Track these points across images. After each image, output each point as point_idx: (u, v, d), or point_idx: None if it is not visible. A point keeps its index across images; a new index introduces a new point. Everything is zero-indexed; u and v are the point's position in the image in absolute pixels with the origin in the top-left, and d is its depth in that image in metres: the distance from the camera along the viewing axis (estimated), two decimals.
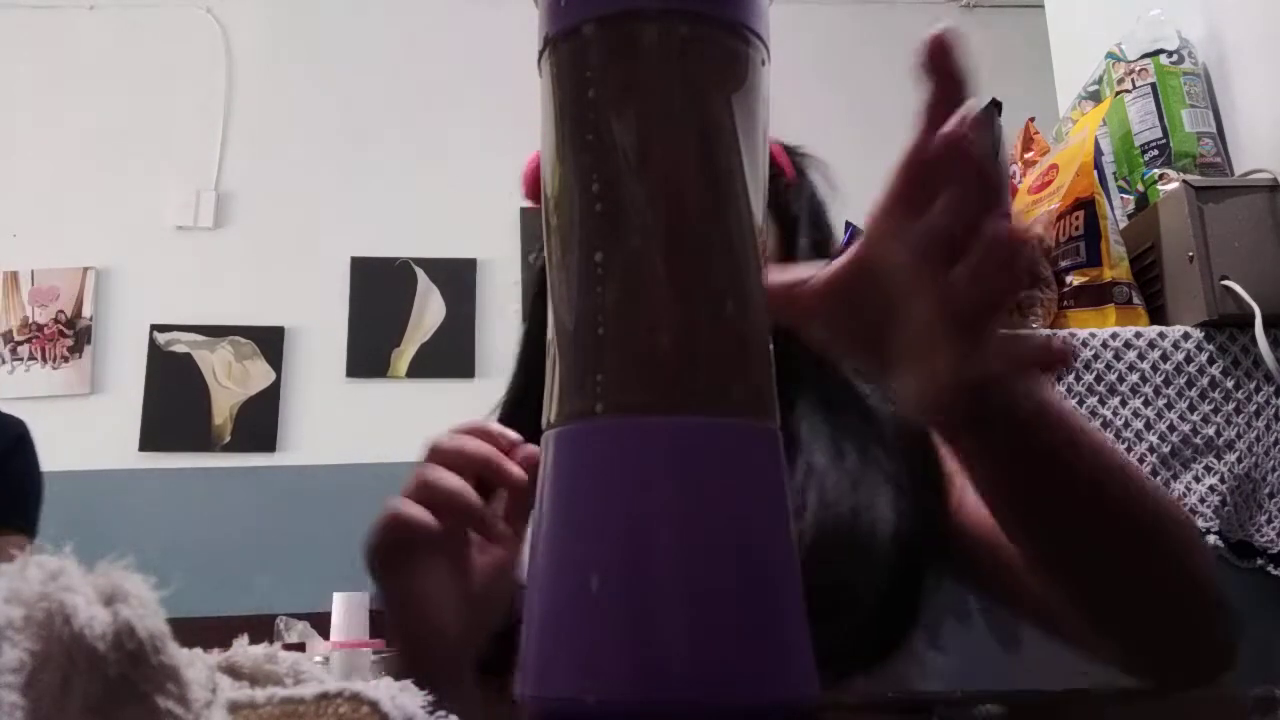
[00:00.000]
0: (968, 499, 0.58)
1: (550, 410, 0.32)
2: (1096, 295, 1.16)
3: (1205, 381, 1.08)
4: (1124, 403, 1.08)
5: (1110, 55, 1.40)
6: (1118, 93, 1.34)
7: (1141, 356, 1.08)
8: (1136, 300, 1.16)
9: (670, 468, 0.29)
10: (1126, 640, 0.48)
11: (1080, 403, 1.07)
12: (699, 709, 0.27)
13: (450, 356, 2.74)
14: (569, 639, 0.29)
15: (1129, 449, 1.04)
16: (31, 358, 2.65)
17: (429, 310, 2.77)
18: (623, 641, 0.27)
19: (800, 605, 0.30)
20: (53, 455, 2.59)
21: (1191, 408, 1.07)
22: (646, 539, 0.28)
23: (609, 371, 0.30)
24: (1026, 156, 1.42)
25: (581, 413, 0.30)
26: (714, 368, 0.30)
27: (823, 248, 0.69)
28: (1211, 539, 1.01)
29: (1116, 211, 1.25)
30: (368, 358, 2.72)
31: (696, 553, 0.28)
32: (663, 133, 0.31)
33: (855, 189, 0.68)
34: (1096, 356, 1.08)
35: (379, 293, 2.76)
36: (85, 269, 2.71)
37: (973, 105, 0.31)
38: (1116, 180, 1.33)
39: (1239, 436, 1.07)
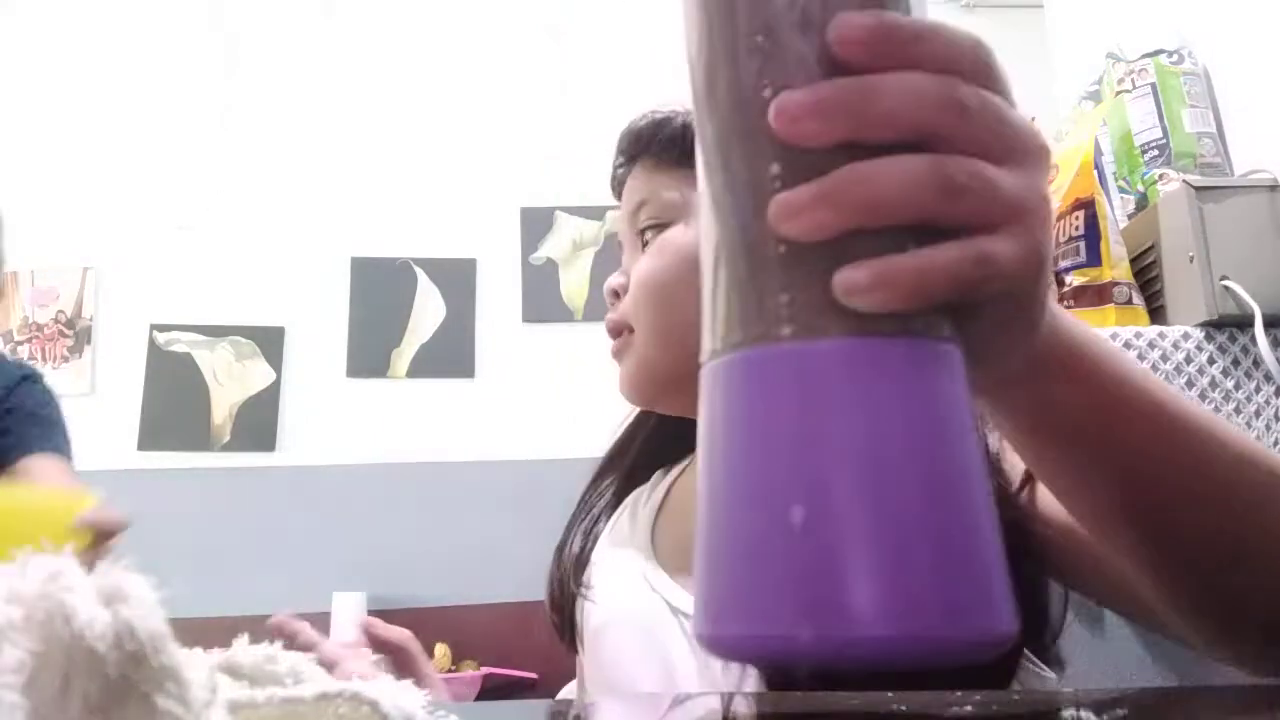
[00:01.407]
0: (1037, 486, 0.56)
1: (716, 337, 0.30)
2: (1096, 295, 1.16)
3: (1205, 381, 1.08)
4: None
5: (1110, 55, 1.40)
6: (1118, 93, 1.34)
7: (1141, 356, 1.08)
8: (1136, 300, 1.16)
9: (871, 392, 0.27)
10: (1230, 617, 0.43)
11: None
12: (925, 641, 0.26)
13: (450, 356, 2.74)
14: (773, 574, 0.27)
15: None
16: (31, 358, 2.65)
17: (429, 310, 2.77)
18: (835, 575, 0.26)
19: (998, 537, 0.28)
20: None
21: None
22: (849, 468, 0.27)
23: (797, 291, 0.28)
24: None
25: (764, 337, 0.28)
26: None
27: None
28: None
29: (1116, 211, 1.25)
30: (368, 358, 2.72)
31: (904, 483, 0.27)
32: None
33: None
34: None
35: (379, 293, 2.76)
36: (85, 269, 2.71)
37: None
38: (1116, 180, 1.33)
39: None
